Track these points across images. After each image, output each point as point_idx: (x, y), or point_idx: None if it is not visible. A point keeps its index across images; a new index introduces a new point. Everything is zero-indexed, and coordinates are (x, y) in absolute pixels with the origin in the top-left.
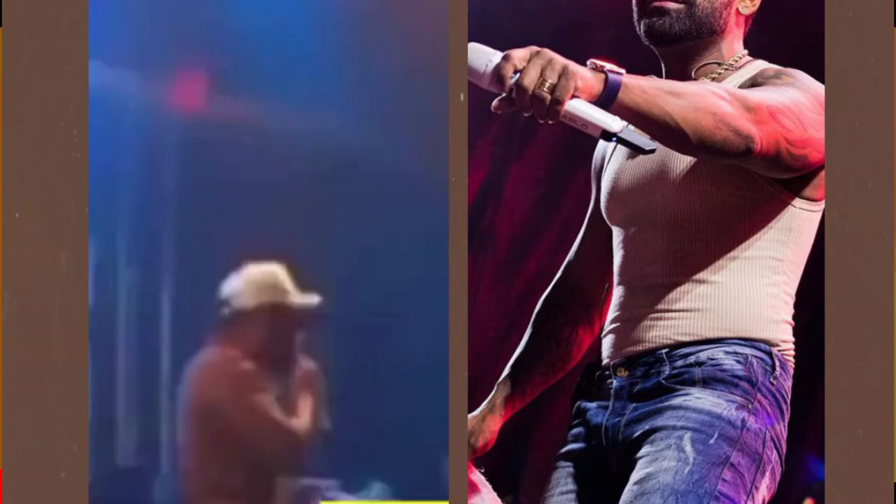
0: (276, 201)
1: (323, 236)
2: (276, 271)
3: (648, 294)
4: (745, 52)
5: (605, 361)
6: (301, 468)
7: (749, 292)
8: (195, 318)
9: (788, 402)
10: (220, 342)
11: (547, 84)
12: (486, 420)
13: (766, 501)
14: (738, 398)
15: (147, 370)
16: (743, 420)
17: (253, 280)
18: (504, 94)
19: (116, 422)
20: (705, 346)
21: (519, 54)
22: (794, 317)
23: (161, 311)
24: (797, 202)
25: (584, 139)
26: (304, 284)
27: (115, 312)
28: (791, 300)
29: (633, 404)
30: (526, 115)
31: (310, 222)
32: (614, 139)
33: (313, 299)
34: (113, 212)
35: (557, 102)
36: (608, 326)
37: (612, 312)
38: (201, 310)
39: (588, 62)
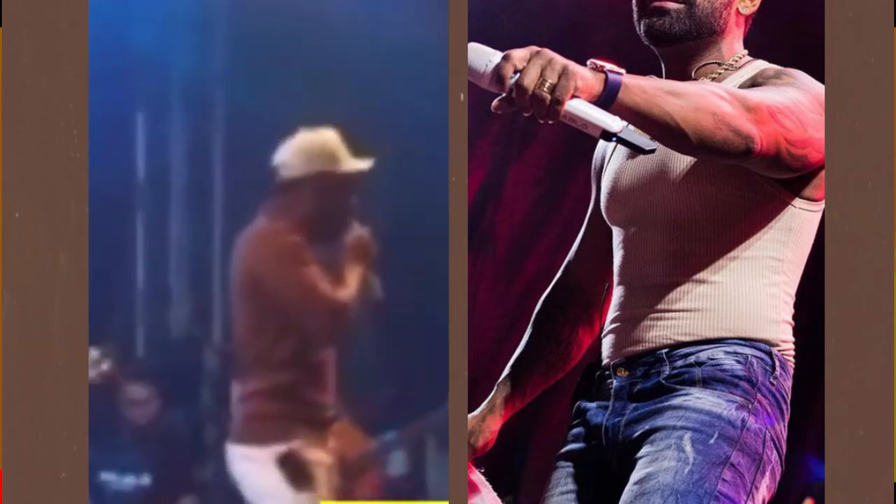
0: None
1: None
2: (327, 137)
3: (648, 294)
4: (745, 52)
5: (605, 361)
6: (348, 339)
7: (749, 292)
8: (246, 188)
9: (788, 402)
10: (269, 212)
11: (547, 84)
12: (486, 420)
13: (766, 501)
14: (738, 398)
15: (199, 240)
16: (743, 420)
17: (303, 148)
18: (504, 94)
19: (169, 292)
20: (705, 346)
21: (519, 54)
22: (794, 317)
23: (213, 182)
24: (797, 202)
25: (584, 139)
26: (356, 149)
27: (167, 182)
28: (791, 300)
29: (633, 404)
30: (526, 115)
31: (362, 92)
32: (614, 139)
33: (365, 164)
34: (164, 84)
35: (557, 102)
36: (608, 326)
37: (612, 312)
38: (253, 179)
39: (588, 62)
